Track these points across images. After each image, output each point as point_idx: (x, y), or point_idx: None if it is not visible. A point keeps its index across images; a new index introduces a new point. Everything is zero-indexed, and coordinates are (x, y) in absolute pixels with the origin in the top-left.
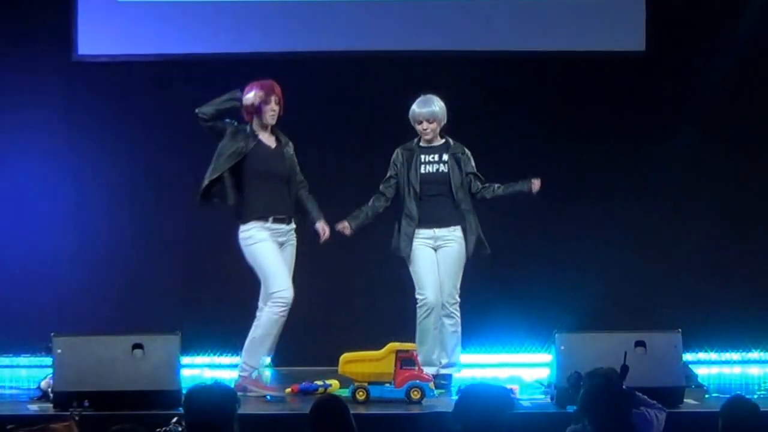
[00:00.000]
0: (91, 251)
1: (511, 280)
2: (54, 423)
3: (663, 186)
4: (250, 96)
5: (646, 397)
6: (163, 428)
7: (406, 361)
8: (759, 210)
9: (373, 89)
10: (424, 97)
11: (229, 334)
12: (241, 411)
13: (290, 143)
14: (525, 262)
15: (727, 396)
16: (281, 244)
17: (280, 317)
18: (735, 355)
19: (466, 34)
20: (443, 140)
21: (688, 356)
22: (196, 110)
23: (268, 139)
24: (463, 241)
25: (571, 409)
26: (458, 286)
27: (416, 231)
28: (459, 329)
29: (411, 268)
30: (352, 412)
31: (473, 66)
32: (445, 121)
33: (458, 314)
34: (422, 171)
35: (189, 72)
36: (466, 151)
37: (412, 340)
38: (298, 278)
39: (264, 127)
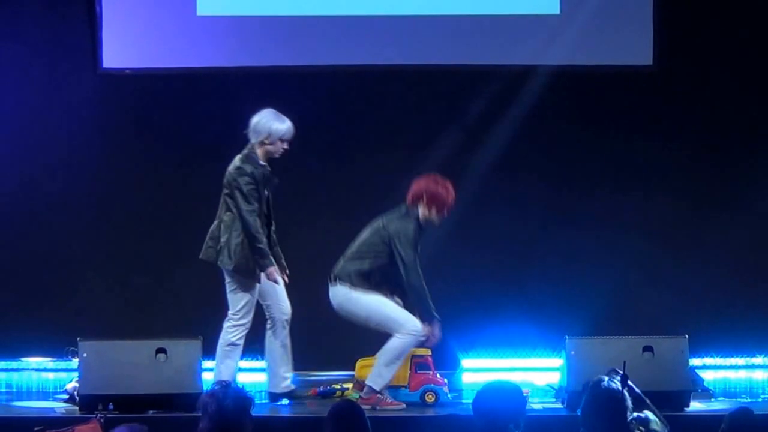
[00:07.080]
0: (116, 259)
1: (522, 285)
2: (79, 425)
3: (671, 195)
4: None
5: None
6: None
7: (420, 365)
8: (766, 218)
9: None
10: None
11: (248, 338)
12: (261, 413)
13: None
14: (535, 267)
15: (732, 400)
16: None
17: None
18: (740, 360)
19: (473, 49)
20: None
21: (694, 361)
22: None
23: None
24: None
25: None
26: None
27: None
28: None
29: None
30: (367, 415)
31: (481, 80)
32: None
33: None
34: None
35: (210, 85)
36: None
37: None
38: (316, 285)
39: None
